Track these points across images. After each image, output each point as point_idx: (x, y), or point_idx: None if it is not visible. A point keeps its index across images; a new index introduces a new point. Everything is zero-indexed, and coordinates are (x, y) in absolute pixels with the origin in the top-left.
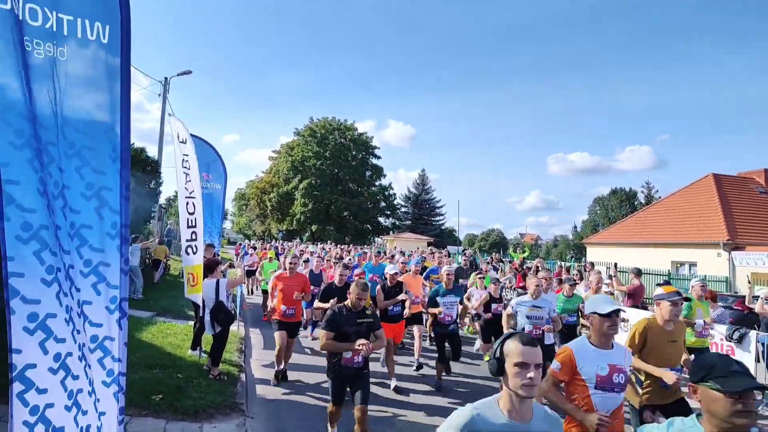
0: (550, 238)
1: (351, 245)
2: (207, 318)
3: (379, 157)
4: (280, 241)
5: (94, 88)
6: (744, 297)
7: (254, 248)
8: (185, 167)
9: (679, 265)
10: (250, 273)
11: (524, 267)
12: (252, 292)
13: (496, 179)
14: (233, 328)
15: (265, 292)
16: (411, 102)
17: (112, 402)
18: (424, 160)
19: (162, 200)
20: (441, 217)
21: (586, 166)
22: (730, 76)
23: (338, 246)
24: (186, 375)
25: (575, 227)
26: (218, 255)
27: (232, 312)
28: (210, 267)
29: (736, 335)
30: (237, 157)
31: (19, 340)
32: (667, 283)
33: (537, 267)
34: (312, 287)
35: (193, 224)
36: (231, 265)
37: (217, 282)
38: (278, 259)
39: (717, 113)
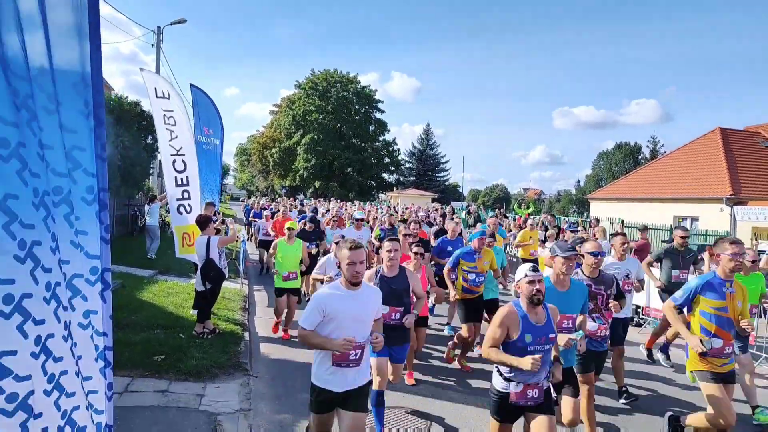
0: (554, 193)
1: (356, 201)
2: (198, 275)
3: (382, 111)
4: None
5: (56, 32)
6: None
7: (264, 210)
8: (169, 123)
9: (680, 220)
10: (264, 244)
11: (528, 223)
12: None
13: (501, 134)
14: (236, 286)
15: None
16: (415, 54)
17: (99, 378)
18: (428, 114)
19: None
20: (445, 173)
21: (592, 120)
22: (738, 27)
23: (340, 202)
24: (188, 335)
25: (578, 182)
26: (219, 213)
27: (224, 269)
28: (202, 223)
29: None
30: (238, 111)
31: None
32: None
33: (544, 224)
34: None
35: (184, 182)
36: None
37: (209, 239)
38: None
39: (724, 66)
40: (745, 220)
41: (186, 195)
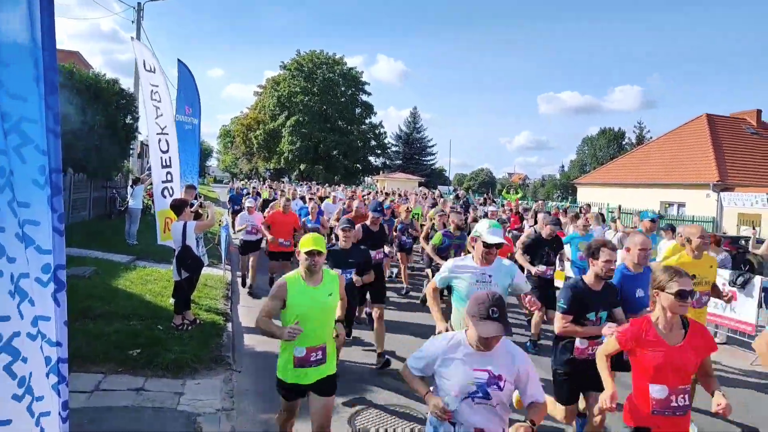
0: (539, 177)
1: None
2: (174, 263)
3: (369, 94)
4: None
5: None
6: (732, 238)
7: (257, 194)
8: (155, 99)
9: (667, 206)
10: (248, 248)
11: (520, 209)
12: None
13: (486, 118)
14: (218, 272)
15: None
16: (402, 36)
17: (52, 397)
18: (414, 97)
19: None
20: (432, 157)
21: (577, 105)
22: (720, 18)
23: (326, 185)
24: (166, 326)
25: (562, 167)
26: (200, 196)
27: (202, 257)
28: (177, 207)
29: (739, 280)
30: (222, 93)
31: None
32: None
33: (535, 211)
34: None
35: (168, 164)
36: (201, 206)
37: (185, 225)
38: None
39: (706, 55)
40: (731, 206)
41: (169, 177)
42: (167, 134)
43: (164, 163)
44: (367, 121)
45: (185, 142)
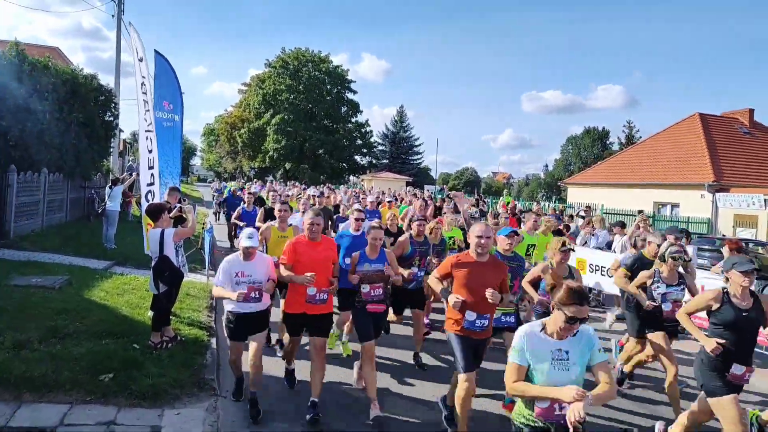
0: (523, 176)
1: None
2: (150, 275)
3: (355, 92)
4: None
5: None
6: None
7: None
8: (144, 92)
9: (660, 206)
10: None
11: (517, 210)
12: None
13: (470, 117)
14: (202, 279)
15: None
16: (386, 35)
17: None
18: (399, 96)
19: (127, 134)
20: (419, 156)
21: (559, 104)
22: (700, 15)
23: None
24: (144, 344)
25: (546, 166)
26: (184, 200)
27: (182, 268)
28: (153, 213)
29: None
30: (205, 91)
31: None
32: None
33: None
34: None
35: (152, 165)
36: (180, 210)
37: (162, 232)
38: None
39: (688, 53)
40: (727, 207)
41: (152, 180)
42: (151, 131)
43: (150, 164)
44: (353, 119)
45: (164, 140)
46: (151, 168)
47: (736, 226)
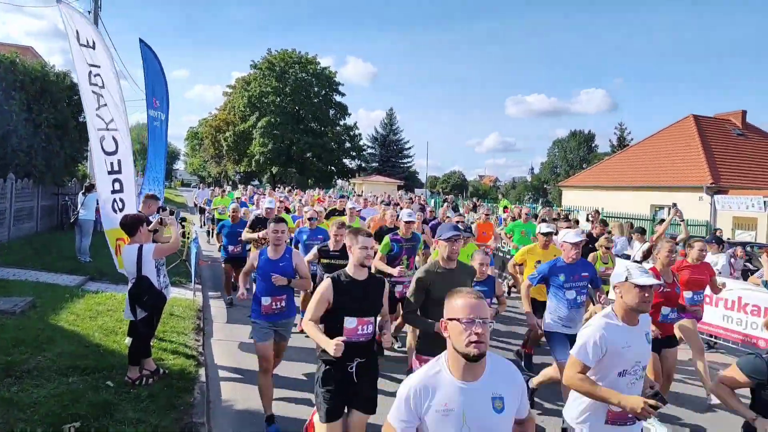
0: (508, 179)
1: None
2: (126, 300)
3: (343, 94)
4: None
5: None
6: (733, 244)
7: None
8: (95, 85)
9: (657, 209)
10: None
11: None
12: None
13: (456, 121)
14: (187, 294)
15: None
16: (372, 39)
17: None
18: (385, 100)
19: None
20: (409, 159)
21: (544, 108)
22: (679, 19)
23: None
24: (119, 381)
25: (532, 169)
26: (164, 208)
27: (164, 289)
28: (129, 226)
29: None
30: (187, 94)
31: None
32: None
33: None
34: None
35: (115, 168)
36: (160, 222)
37: (140, 249)
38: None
39: (667, 57)
40: (726, 210)
41: (118, 186)
42: (115, 130)
43: (110, 168)
44: (341, 122)
45: (154, 140)
46: (113, 173)
47: (734, 228)
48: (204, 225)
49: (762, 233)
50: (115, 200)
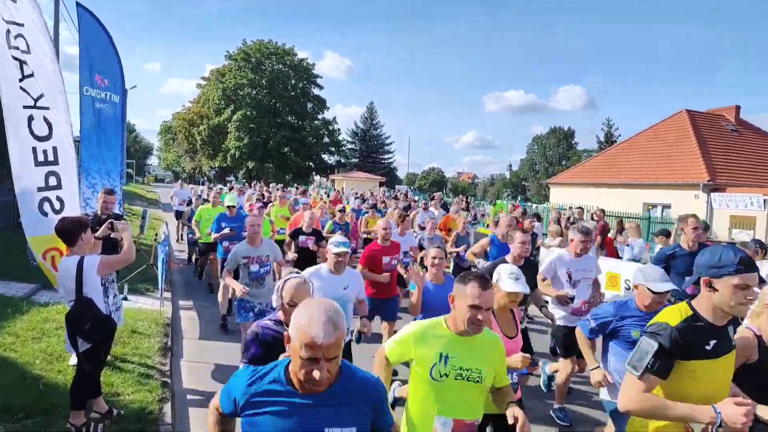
0: (487, 176)
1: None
2: (65, 329)
3: (321, 87)
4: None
5: None
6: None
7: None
8: (15, 48)
9: (650, 207)
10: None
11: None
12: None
13: (433, 117)
14: (154, 304)
15: None
16: (349, 33)
17: None
18: (362, 95)
19: (75, 131)
20: (390, 155)
21: (521, 104)
22: (657, 17)
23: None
24: (62, 428)
25: (510, 166)
26: (121, 210)
27: (114, 313)
28: (68, 233)
29: None
30: (161, 88)
31: None
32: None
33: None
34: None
35: (49, 158)
36: (111, 228)
37: (80, 262)
38: None
39: (645, 56)
40: (723, 208)
41: (54, 182)
42: (47, 108)
43: (40, 158)
44: (319, 116)
45: (100, 127)
46: (43, 164)
47: (732, 227)
48: (181, 238)
49: (761, 232)
50: (48, 199)
